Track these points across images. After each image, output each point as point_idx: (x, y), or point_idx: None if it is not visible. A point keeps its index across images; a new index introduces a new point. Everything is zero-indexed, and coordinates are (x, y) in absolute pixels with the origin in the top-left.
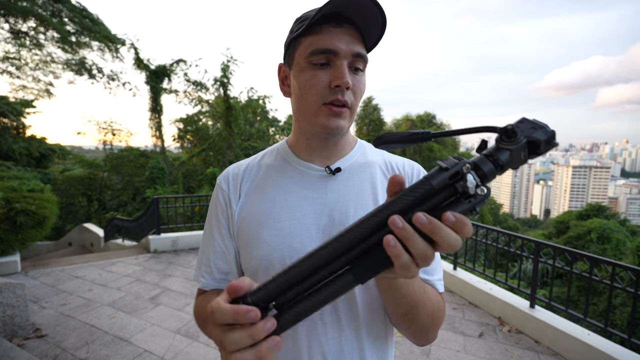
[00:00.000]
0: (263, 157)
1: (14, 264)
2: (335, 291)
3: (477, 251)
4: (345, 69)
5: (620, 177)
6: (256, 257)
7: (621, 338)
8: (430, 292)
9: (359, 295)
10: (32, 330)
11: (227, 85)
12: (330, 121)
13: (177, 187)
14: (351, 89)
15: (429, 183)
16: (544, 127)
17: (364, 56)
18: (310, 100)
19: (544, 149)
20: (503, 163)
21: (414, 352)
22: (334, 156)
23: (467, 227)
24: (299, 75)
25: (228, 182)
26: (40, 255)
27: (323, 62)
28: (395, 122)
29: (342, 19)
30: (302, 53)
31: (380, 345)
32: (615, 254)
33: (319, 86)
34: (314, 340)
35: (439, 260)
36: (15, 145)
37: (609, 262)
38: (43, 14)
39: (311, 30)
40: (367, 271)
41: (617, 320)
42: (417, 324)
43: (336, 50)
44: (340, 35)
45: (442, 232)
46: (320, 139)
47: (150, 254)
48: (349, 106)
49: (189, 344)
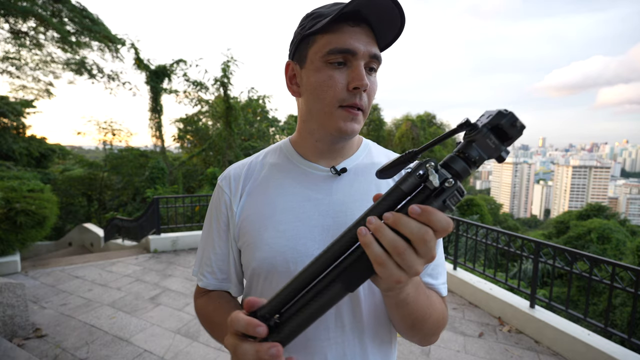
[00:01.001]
0: (266, 155)
1: (14, 264)
2: (327, 301)
3: (477, 251)
4: (363, 70)
5: (620, 177)
6: (258, 259)
7: (621, 338)
8: (435, 301)
9: (363, 300)
10: (32, 330)
11: (228, 85)
12: (347, 125)
13: (177, 187)
14: (366, 91)
15: (399, 189)
16: (500, 111)
17: (379, 57)
18: (327, 102)
19: (510, 131)
20: (473, 157)
21: (414, 352)
22: (339, 157)
23: (434, 215)
24: (314, 75)
25: (229, 182)
26: (40, 255)
27: (340, 61)
28: (395, 122)
29: (360, 19)
30: (318, 51)
31: (385, 350)
32: (615, 254)
33: (337, 87)
34: (316, 345)
35: (444, 264)
36: (15, 145)
37: (609, 262)
38: (43, 14)
39: (328, 28)
40: (355, 278)
41: (617, 320)
42: (423, 333)
43: (355, 50)
44: (358, 35)
45: (403, 220)
46: (329, 142)
47: (150, 254)
48: (363, 109)
49: (189, 344)
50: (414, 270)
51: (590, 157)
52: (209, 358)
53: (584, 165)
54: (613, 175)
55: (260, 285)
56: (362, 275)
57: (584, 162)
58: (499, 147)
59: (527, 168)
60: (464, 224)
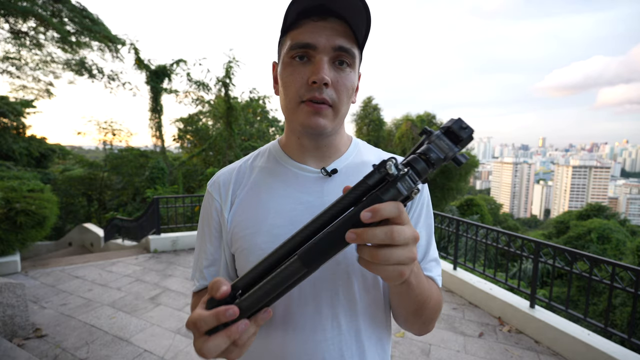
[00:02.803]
0: (255, 158)
1: (14, 264)
2: (286, 276)
3: (477, 251)
4: (324, 64)
5: (620, 177)
6: (253, 264)
7: (621, 338)
8: (433, 286)
9: (359, 300)
10: (32, 330)
11: (229, 85)
12: (310, 119)
13: (177, 187)
14: (333, 86)
15: (365, 183)
16: (452, 118)
17: (348, 50)
18: (290, 97)
19: (461, 133)
20: (430, 156)
21: (414, 352)
22: (328, 157)
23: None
24: (282, 72)
25: (218, 188)
26: (40, 255)
27: (301, 55)
28: (395, 122)
29: (328, 12)
30: (285, 49)
31: (381, 348)
32: (615, 254)
33: (298, 82)
34: (314, 347)
35: (437, 259)
36: (15, 145)
37: (609, 262)
38: (43, 14)
39: (292, 26)
40: (314, 256)
41: (617, 320)
42: (423, 318)
43: (314, 44)
44: (320, 29)
45: (369, 235)
46: (310, 139)
47: (150, 254)
48: (330, 104)
49: (189, 344)
50: (405, 260)
51: (590, 157)
52: None
53: (584, 165)
54: (613, 175)
55: None
56: (321, 256)
57: (584, 162)
58: (453, 149)
59: (527, 168)
60: (464, 224)
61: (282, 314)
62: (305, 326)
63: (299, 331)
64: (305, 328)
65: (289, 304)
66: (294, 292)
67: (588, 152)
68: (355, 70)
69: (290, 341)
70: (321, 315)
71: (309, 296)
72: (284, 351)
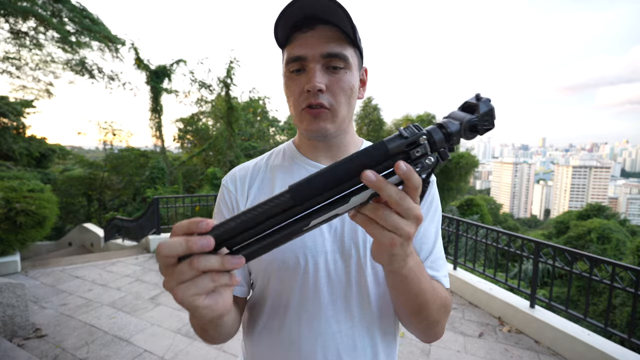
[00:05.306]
0: (270, 157)
1: (14, 264)
2: (269, 207)
3: (477, 251)
4: (315, 72)
5: (620, 177)
6: (268, 259)
7: (621, 338)
8: (438, 287)
9: (372, 291)
10: (32, 330)
11: (230, 85)
12: (311, 124)
13: (177, 187)
14: (328, 90)
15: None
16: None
17: (339, 54)
18: (293, 107)
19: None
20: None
21: (414, 352)
22: (339, 156)
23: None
24: (284, 85)
25: (235, 182)
26: (40, 255)
27: (298, 68)
28: (396, 122)
29: (316, 21)
30: (284, 64)
31: (390, 340)
32: (615, 254)
33: (296, 92)
34: (328, 339)
35: (444, 257)
36: (15, 145)
37: (609, 262)
38: (43, 14)
39: (288, 41)
40: (305, 191)
41: (617, 320)
42: (428, 320)
43: (304, 55)
44: (307, 40)
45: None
46: (320, 140)
47: (150, 254)
48: (327, 107)
49: (189, 344)
50: (402, 228)
51: (590, 157)
52: (209, 358)
53: (584, 165)
54: (613, 175)
55: (272, 283)
56: (311, 191)
57: (584, 162)
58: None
59: (527, 168)
60: (464, 224)
61: (297, 306)
62: (321, 318)
63: (314, 322)
64: (321, 319)
65: (304, 296)
66: (309, 284)
67: (588, 152)
68: (353, 69)
69: (305, 332)
70: (335, 307)
71: (323, 288)
72: (299, 342)
